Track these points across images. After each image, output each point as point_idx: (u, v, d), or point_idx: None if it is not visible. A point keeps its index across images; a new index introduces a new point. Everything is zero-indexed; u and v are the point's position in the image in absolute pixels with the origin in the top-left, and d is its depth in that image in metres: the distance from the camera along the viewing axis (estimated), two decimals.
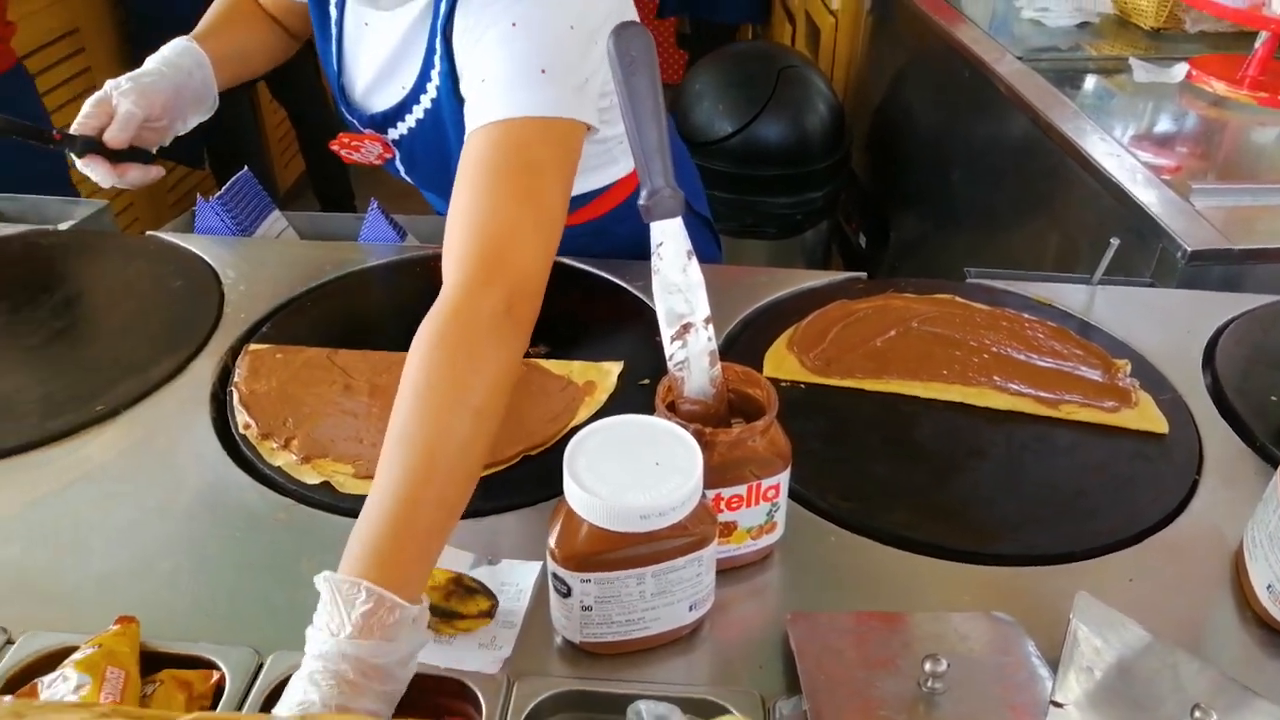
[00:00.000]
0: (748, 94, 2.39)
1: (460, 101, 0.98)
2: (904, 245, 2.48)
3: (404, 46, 1.03)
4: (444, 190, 1.12)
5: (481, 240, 0.81)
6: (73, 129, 1.05)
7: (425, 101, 1.04)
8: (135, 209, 2.81)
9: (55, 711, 0.35)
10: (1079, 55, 2.02)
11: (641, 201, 0.72)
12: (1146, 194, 1.38)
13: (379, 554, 0.64)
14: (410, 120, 1.07)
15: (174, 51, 1.11)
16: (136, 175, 1.09)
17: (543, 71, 0.88)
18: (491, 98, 0.88)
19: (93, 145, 1.05)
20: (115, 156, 1.06)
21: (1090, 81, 1.91)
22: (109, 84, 1.07)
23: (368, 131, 1.12)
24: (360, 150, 1.11)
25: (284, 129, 3.53)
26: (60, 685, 0.63)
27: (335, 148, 1.11)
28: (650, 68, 0.71)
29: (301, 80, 3.08)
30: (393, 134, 1.10)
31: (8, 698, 0.44)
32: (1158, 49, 2.01)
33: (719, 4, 3.73)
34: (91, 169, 1.07)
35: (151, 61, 1.10)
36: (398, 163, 1.14)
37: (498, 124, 0.87)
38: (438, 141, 1.06)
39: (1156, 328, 1.10)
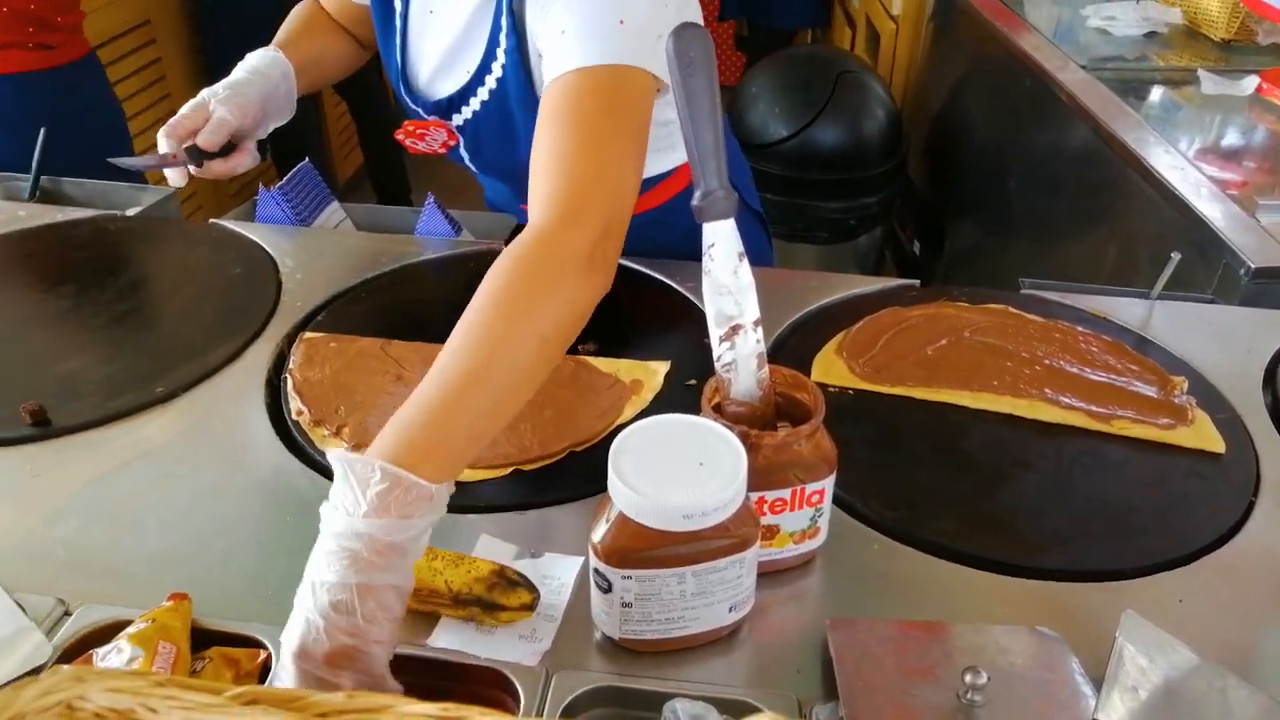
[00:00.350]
0: (805, 98, 2.39)
1: (528, 76, 1.01)
2: (959, 253, 2.45)
3: (469, 29, 1.05)
4: (508, 174, 1.15)
5: (570, 180, 0.82)
6: (170, 127, 1.10)
7: (490, 82, 1.06)
8: (199, 197, 2.87)
9: (113, 678, 0.36)
10: (1145, 65, 1.99)
11: (695, 202, 0.72)
12: (1211, 208, 1.36)
13: (410, 442, 0.65)
14: (475, 103, 1.09)
15: (263, 62, 1.16)
16: (221, 168, 1.14)
17: (620, 23, 0.90)
18: (571, 47, 0.90)
19: (197, 154, 1.10)
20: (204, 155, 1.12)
21: (1156, 93, 1.88)
22: (206, 92, 1.12)
23: (433, 119, 1.13)
24: (425, 139, 1.13)
25: (344, 123, 3.58)
26: (114, 657, 0.65)
27: (400, 137, 1.13)
28: (709, 69, 0.71)
29: (363, 77, 3.11)
30: (457, 119, 1.12)
31: (67, 666, 0.45)
32: (1227, 61, 1.98)
33: (778, 9, 3.72)
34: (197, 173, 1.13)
35: (242, 70, 1.15)
36: (461, 150, 1.16)
37: (579, 71, 0.89)
38: (503, 122, 1.08)
39: (1216, 345, 1.08)
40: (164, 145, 1.09)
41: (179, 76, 2.73)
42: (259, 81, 1.14)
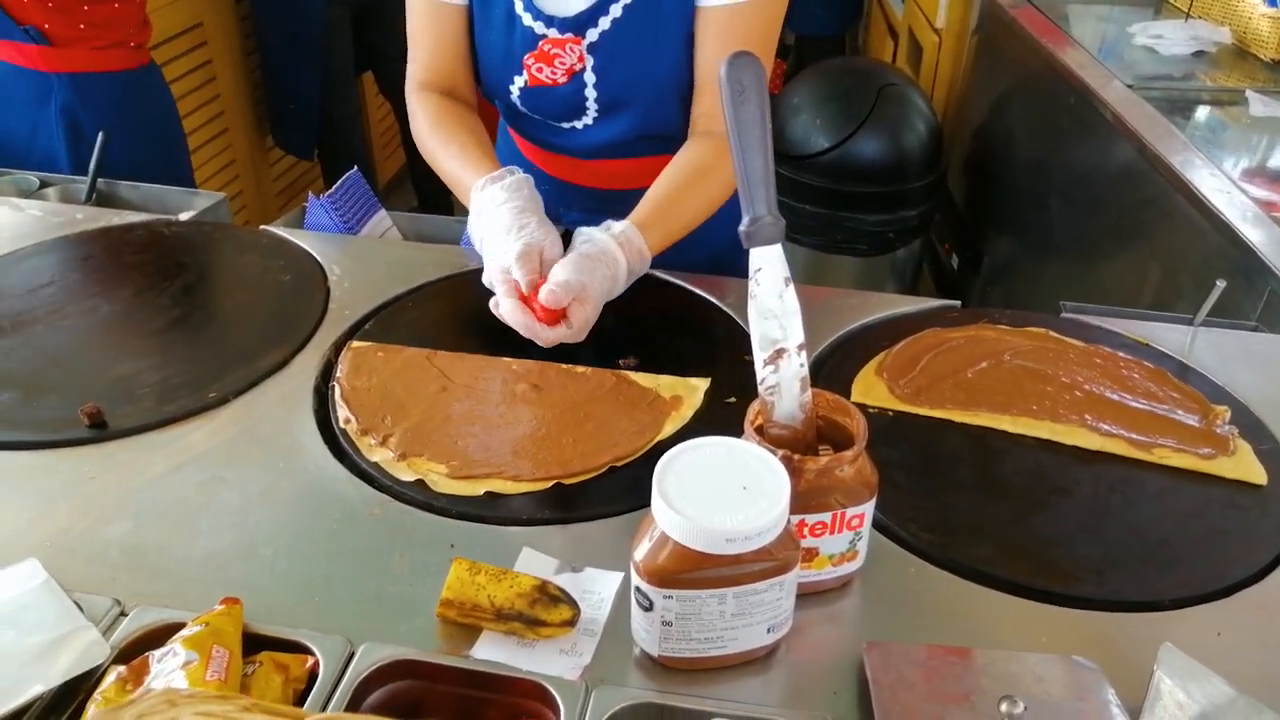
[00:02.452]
0: (846, 110, 2.39)
1: None
2: (997, 268, 2.45)
3: None
4: (640, 91, 1.19)
5: None
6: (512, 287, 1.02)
7: None
8: (243, 197, 2.92)
9: (203, 701, 0.38)
10: (1192, 85, 1.97)
11: (743, 228, 0.73)
12: (1256, 233, 1.35)
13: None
14: (616, 10, 1.11)
15: (525, 190, 1.09)
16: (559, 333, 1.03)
17: None
18: None
19: None
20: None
21: (1202, 113, 1.87)
22: (525, 242, 1.03)
23: (568, 35, 1.13)
24: (555, 61, 1.14)
25: (387, 124, 3.63)
26: (170, 660, 0.67)
27: (530, 60, 1.15)
28: (760, 97, 0.72)
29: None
30: (591, 35, 1.13)
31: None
32: (1277, 82, 1.96)
33: (799, 15, 3.72)
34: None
35: (515, 209, 1.06)
36: (587, 73, 1.16)
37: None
38: (648, 26, 1.13)
39: (1260, 374, 1.07)
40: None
41: (230, 79, 2.77)
42: (530, 200, 1.08)
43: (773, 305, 0.74)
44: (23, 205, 1.38)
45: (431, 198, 3.46)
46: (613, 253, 1.04)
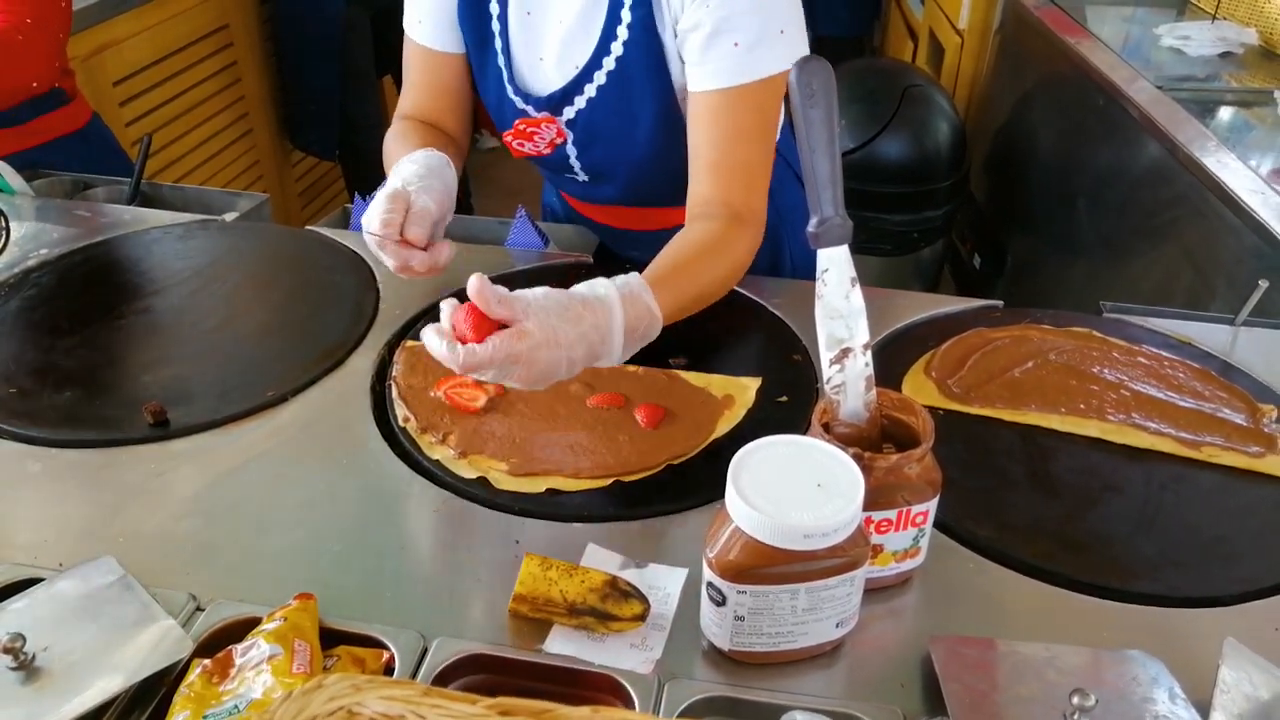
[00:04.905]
0: (871, 110, 2.40)
1: (657, 46, 1.07)
2: (1021, 269, 2.45)
3: (582, 18, 1.08)
4: (620, 164, 1.18)
5: (743, 192, 1.06)
6: (384, 224, 0.99)
7: (609, 64, 1.09)
8: (274, 200, 2.94)
9: (385, 686, 0.39)
10: (1217, 86, 1.98)
11: (810, 229, 0.74)
12: None
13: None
14: (591, 90, 1.11)
15: (427, 157, 1.09)
16: (425, 261, 1.03)
17: (781, 32, 1.02)
18: (741, 58, 1.02)
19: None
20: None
21: (1229, 113, 1.88)
22: (392, 184, 1.04)
23: (544, 114, 1.15)
24: (534, 138, 1.15)
25: None
26: (254, 653, 0.69)
27: (509, 138, 1.16)
28: (828, 100, 0.74)
29: None
30: (568, 112, 1.14)
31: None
32: None
33: (821, 15, 3.73)
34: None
35: (411, 167, 1.07)
36: (569, 146, 1.17)
37: (748, 85, 1.03)
38: (621, 108, 1.12)
39: None
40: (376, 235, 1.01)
41: (254, 80, 2.79)
42: (437, 173, 1.07)
43: (839, 305, 0.75)
44: (70, 206, 1.40)
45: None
46: (609, 302, 0.88)
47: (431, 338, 0.82)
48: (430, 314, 1.15)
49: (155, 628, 0.73)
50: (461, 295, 0.82)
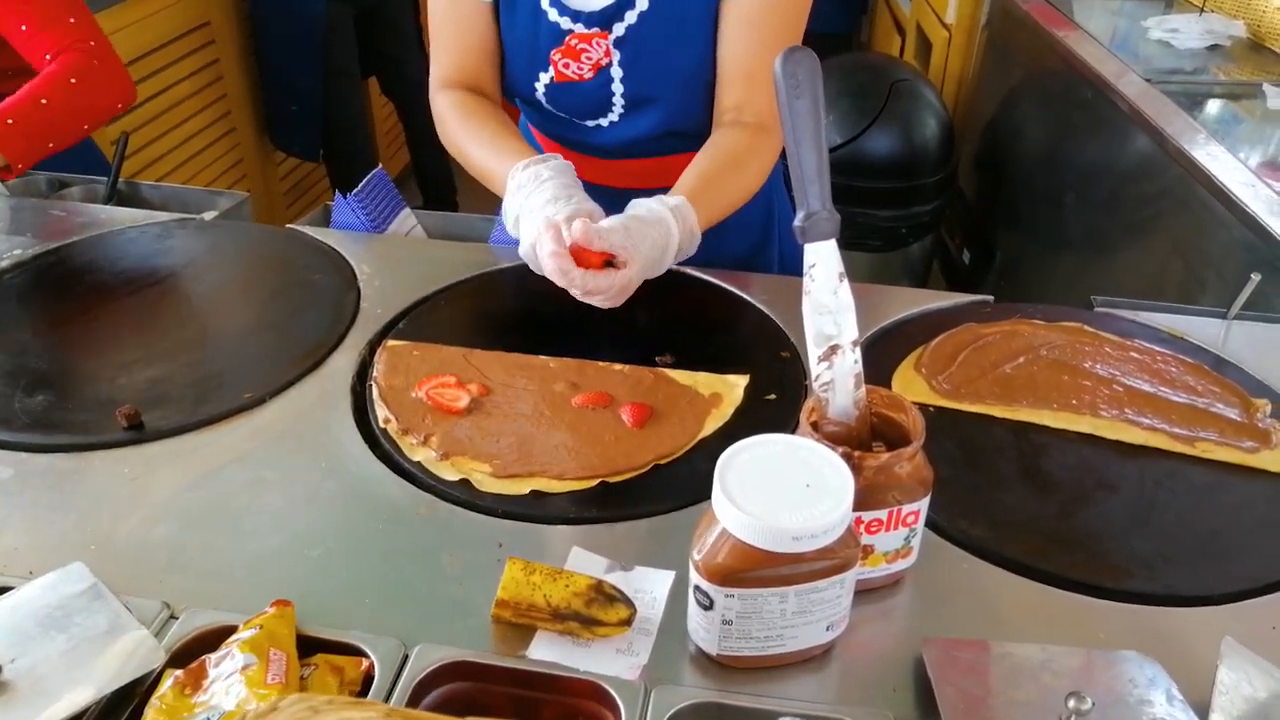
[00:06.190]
0: (858, 106, 2.38)
1: None
2: (1009, 264, 2.44)
3: None
4: (668, 82, 1.18)
5: (765, 100, 1.12)
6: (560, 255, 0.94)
7: None
8: (251, 197, 2.91)
9: (342, 707, 0.37)
10: (1205, 79, 1.97)
11: (797, 223, 0.73)
12: None
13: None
14: (643, 3, 1.11)
15: (563, 169, 1.08)
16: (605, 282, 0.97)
17: None
18: None
19: None
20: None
21: (1217, 106, 1.87)
22: (550, 213, 1.00)
23: (594, 30, 1.13)
24: (580, 56, 1.14)
25: (390, 123, 3.62)
26: (228, 663, 0.67)
27: (556, 57, 1.14)
28: (814, 92, 0.72)
29: (410, 78, 3.16)
30: (618, 29, 1.13)
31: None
32: None
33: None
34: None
35: (557, 180, 1.04)
36: (614, 68, 1.15)
37: None
38: (674, 17, 1.12)
39: None
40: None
41: (236, 78, 2.76)
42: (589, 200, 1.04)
43: (827, 301, 0.74)
44: (45, 206, 1.37)
45: (435, 197, 3.45)
46: (667, 222, 1.01)
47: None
48: (412, 313, 1.13)
49: (127, 638, 0.71)
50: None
